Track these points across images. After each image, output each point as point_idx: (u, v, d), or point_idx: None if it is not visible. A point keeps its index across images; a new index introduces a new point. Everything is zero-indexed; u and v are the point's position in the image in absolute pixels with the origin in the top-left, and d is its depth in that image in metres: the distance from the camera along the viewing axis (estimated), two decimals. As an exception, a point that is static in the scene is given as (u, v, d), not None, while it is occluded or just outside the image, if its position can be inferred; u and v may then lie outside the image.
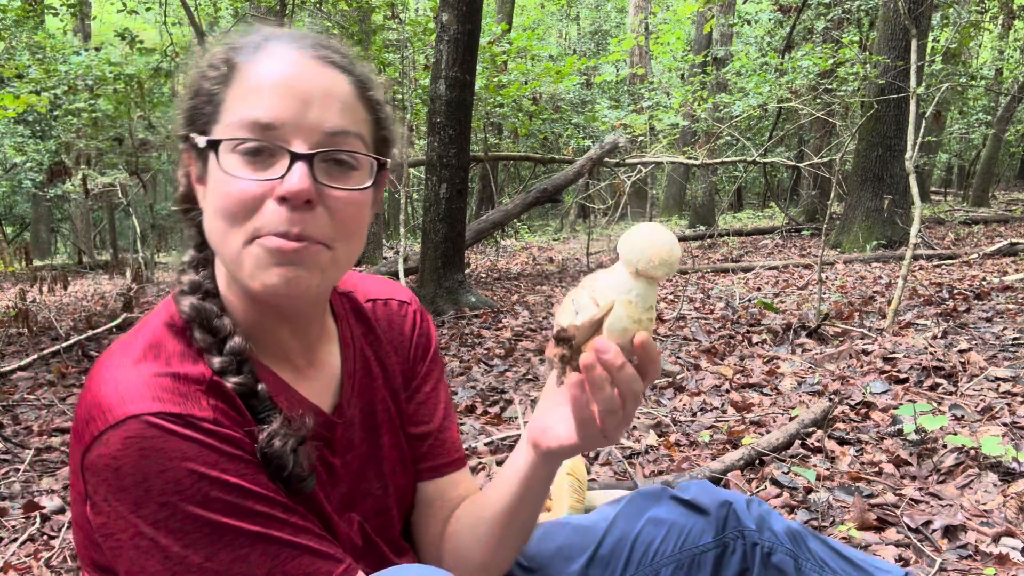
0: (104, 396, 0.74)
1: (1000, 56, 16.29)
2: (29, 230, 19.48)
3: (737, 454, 2.53)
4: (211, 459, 0.74)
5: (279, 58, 0.81)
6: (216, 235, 0.81)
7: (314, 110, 0.79)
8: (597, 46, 21.98)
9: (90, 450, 0.73)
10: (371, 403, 1.00)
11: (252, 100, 0.79)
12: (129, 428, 0.72)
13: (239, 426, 0.79)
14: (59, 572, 2.20)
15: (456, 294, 5.86)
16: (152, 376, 0.76)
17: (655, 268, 0.76)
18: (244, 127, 0.78)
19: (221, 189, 0.79)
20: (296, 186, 0.77)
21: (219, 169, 0.79)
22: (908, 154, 4.50)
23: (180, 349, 0.80)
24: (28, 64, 7.50)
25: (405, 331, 1.07)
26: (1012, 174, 22.10)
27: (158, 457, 0.71)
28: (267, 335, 0.89)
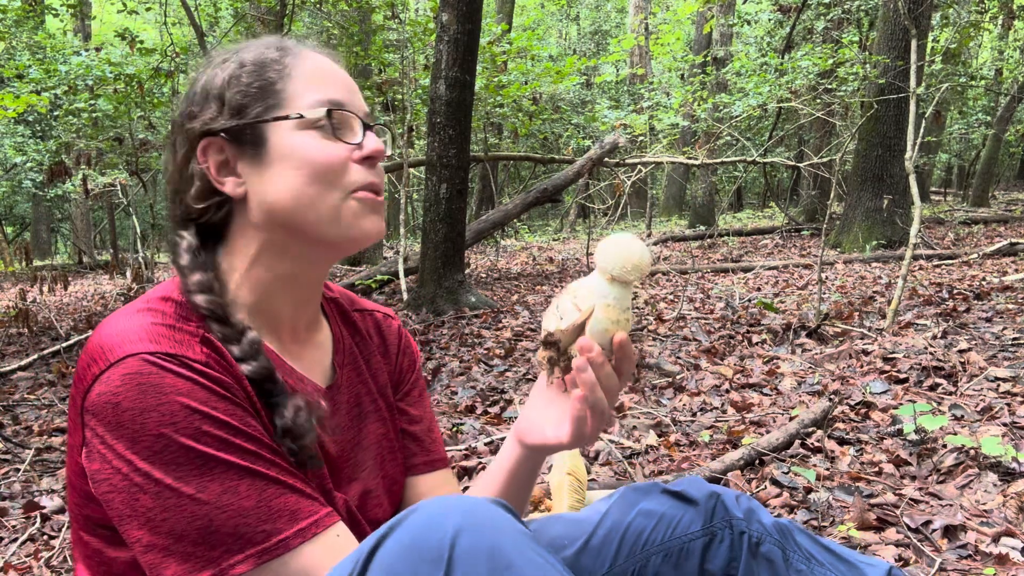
0: (104, 340, 0.80)
1: (1000, 56, 16.30)
2: (29, 230, 19.49)
3: (737, 454, 2.53)
4: (203, 396, 0.78)
5: (322, 58, 0.96)
6: (305, 201, 0.90)
7: (357, 96, 0.97)
8: (597, 46, 21.98)
9: (91, 390, 0.78)
10: (357, 395, 1.05)
11: (321, 86, 0.92)
12: (128, 365, 0.77)
13: (229, 375, 0.84)
14: (59, 572, 2.20)
15: (456, 294, 5.86)
16: (151, 324, 0.82)
17: (628, 273, 0.84)
18: (323, 104, 0.91)
19: (317, 158, 0.90)
20: (380, 146, 0.94)
21: (308, 142, 0.90)
22: (908, 154, 4.50)
23: (176, 312, 0.86)
24: (28, 64, 7.50)
25: (391, 340, 1.14)
26: (1012, 174, 22.10)
27: (154, 392, 0.76)
28: (271, 307, 0.96)
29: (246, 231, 0.94)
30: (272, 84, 0.92)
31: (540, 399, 0.98)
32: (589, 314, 0.85)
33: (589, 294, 0.86)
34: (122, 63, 7.59)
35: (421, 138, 9.25)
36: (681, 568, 1.09)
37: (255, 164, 0.91)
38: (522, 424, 0.98)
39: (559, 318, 0.86)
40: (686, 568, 1.09)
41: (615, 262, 0.84)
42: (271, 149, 0.90)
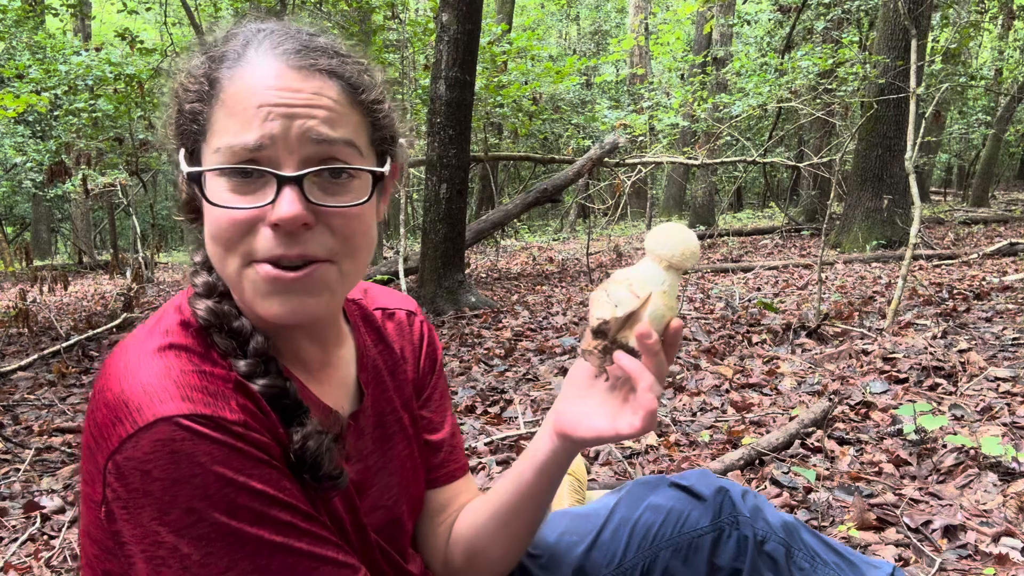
0: (131, 395, 0.71)
1: (1000, 56, 16.29)
2: (29, 230, 19.49)
3: (737, 454, 2.53)
4: (239, 463, 0.72)
5: (261, 72, 0.77)
6: (214, 257, 0.80)
7: (298, 125, 0.75)
8: (597, 46, 21.98)
9: (118, 453, 0.70)
10: (382, 413, 0.99)
11: (236, 123, 0.75)
12: (160, 431, 0.69)
13: (266, 428, 0.77)
14: (59, 572, 2.20)
15: (456, 294, 5.86)
16: (180, 373, 0.73)
17: (685, 260, 0.85)
18: (230, 152, 0.75)
19: (212, 215, 0.77)
20: (288, 212, 0.74)
21: (213, 194, 0.77)
22: (908, 154, 4.50)
23: (201, 349, 0.78)
24: (28, 64, 7.50)
25: (415, 342, 1.08)
26: (1012, 174, 22.10)
27: (188, 461, 0.69)
28: (282, 340, 0.87)
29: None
30: (196, 114, 0.79)
31: (576, 389, 0.92)
32: (647, 301, 0.84)
33: (645, 281, 0.85)
34: (122, 63, 7.60)
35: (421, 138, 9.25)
36: (690, 563, 1.09)
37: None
38: (564, 418, 0.91)
39: (614, 306, 0.84)
40: (695, 563, 1.09)
41: (673, 249, 0.85)
42: (204, 193, 0.79)
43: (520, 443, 2.92)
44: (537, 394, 3.57)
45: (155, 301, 7.86)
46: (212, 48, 0.81)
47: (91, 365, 4.88)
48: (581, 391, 0.92)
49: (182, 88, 0.80)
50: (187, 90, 0.80)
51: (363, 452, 0.95)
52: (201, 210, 0.82)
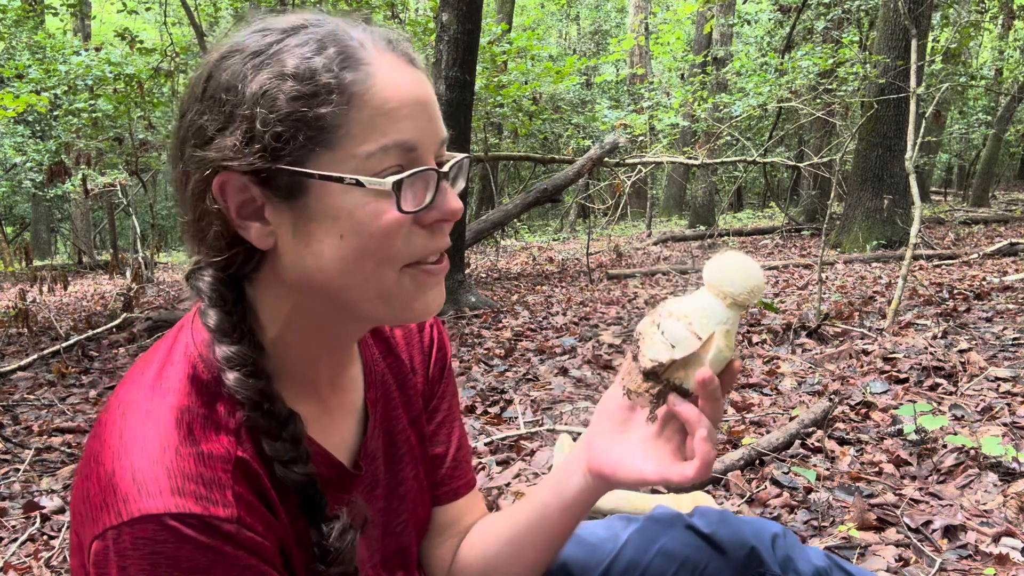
0: (120, 481, 0.66)
1: (1000, 56, 16.30)
2: (29, 230, 19.49)
3: (737, 454, 2.53)
4: (222, 573, 0.67)
5: (393, 69, 0.72)
6: (352, 277, 0.72)
7: (437, 122, 0.74)
8: (597, 46, 21.98)
9: (100, 539, 0.66)
10: (392, 432, 0.94)
11: (390, 122, 0.70)
12: (143, 529, 0.64)
13: (261, 519, 0.71)
14: (59, 572, 2.20)
15: (456, 294, 5.87)
16: (174, 457, 0.67)
17: (751, 297, 0.77)
18: (388, 154, 0.69)
19: (371, 227, 0.70)
20: (455, 205, 0.74)
21: (363, 205, 0.69)
22: (908, 154, 4.50)
23: (204, 411, 0.71)
24: (28, 64, 7.50)
25: (424, 348, 1.01)
26: (1012, 174, 22.11)
27: (168, 564, 0.65)
28: (306, 368, 0.82)
29: (277, 288, 0.76)
30: (323, 121, 0.68)
31: (612, 425, 0.84)
32: (709, 341, 0.77)
33: (707, 320, 0.77)
34: (122, 63, 7.60)
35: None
36: None
37: (290, 215, 0.71)
38: (602, 457, 0.84)
39: (670, 346, 0.77)
40: None
41: (741, 286, 0.76)
42: (312, 203, 0.70)
43: (520, 443, 2.92)
44: (537, 394, 3.57)
45: (155, 301, 7.86)
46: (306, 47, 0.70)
47: (91, 365, 4.88)
48: (618, 427, 0.84)
49: (285, 95, 0.68)
50: (298, 95, 0.68)
51: (377, 477, 0.90)
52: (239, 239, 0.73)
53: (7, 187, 14.71)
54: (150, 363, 0.75)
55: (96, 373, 4.66)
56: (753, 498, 2.30)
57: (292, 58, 0.69)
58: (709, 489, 2.39)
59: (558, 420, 3.19)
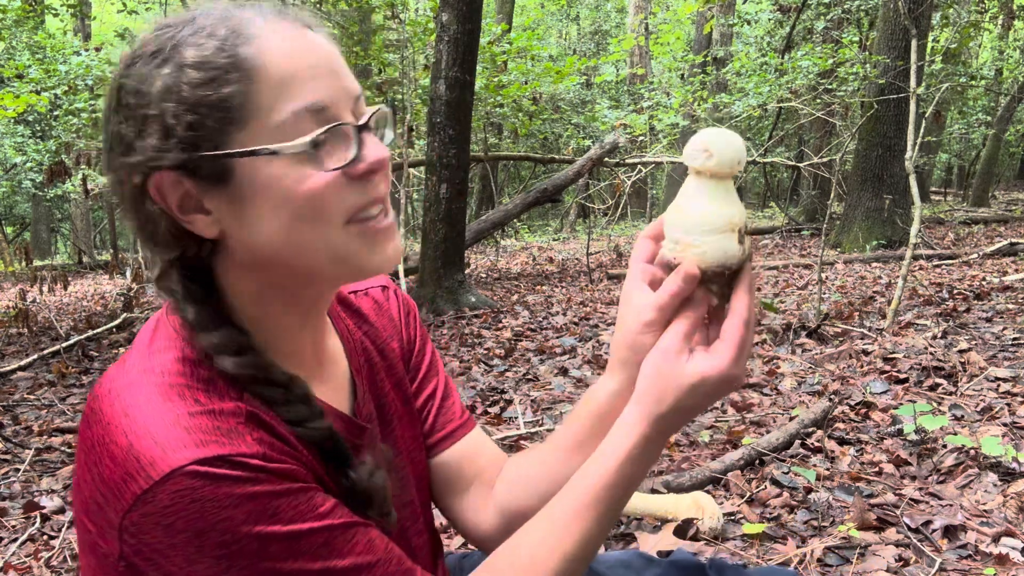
0: (142, 449, 0.67)
1: (1000, 56, 16.30)
2: (29, 230, 19.49)
3: (737, 454, 2.53)
4: (263, 502, 0.68)
5: (286, 35, 0.73)
6: (296, 241, 0.73)
7: (345, 78, 0.75)
8: (597, 46, 21.98)
9: (134, 510, 0.66)
10: (380, 395, 0.96)
11: (294, 87, 0.71)
12: (177, 482, 0.65)
13: (287, 455, 0.73)
14: (59, 572, 2.20)
15: (456, 294, 5.87)
16: (188, 417, 0.69)
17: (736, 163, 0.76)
18: (299, 117, 0.71)
19: (300, 191, 0.71)
20: (381, 153, 0.74)
21: (286, 173, 0.71)
22: (908, 154, 4.50)
23: (202, 385, 0.73)
24: (28, 64, 7.50)
25: (394, 316, 1.04)
26: (1012, 174, 22.11)
27: (211, 507, 0.66)
28: (286, 341, 0.83)
29: (238, 272, 0.78)
30: (228, 101, 0.70)
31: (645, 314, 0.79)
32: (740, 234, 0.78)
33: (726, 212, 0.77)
34: (122, 63, 7.59)
35: (421, 138, 9.24)
36: None
37: (226, 199, 0.73)
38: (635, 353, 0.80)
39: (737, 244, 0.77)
40: None
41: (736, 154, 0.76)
42: (242, 183, 0.72)
43: (520, 443, 2.92)
44: (537, 394, 3.57)
45: (155, 301, 7.85)
46: (205, 35, 0.72)
47: (91, 365, 4.88)
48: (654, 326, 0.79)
49: (187, 84, 0.70)
50: (198, 82, 0.70)
51: (375, 439, 0.92)
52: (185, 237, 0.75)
53: (7, 187, 14.71)
54: (135, 354, 0.76)
55: (96, 373, 4.66)
56: (753, 498, 2.31)
57: (187, 48, 0.71)
58: (709, 489, 2.39)
59: (558, 420, 3.19)
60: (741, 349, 0.77)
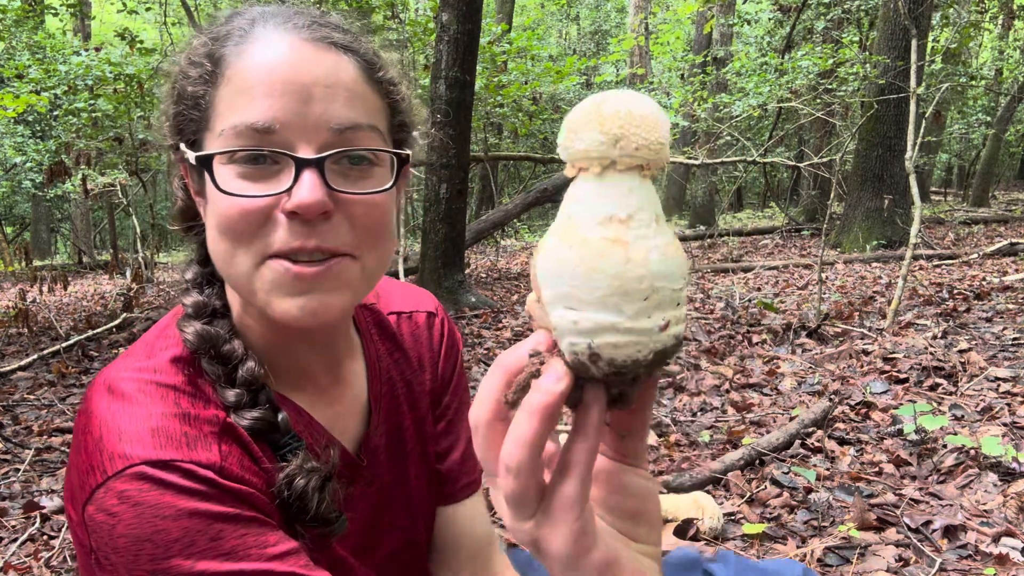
0: (106, 443, 0.66)
1: (1000, 56, 16.30)
2: (29, 230, 19.49)
3: (737, 454, 2.53)
4: (204, 524, 0.64)
5: (271, 46, 0.69)
6: (221, 257, 0.71)
7: (318, 104, 0.68)
8: (597, 46, 21.98)
9: (89, 503, 0.65)
10: (398, 428, 0.91)
11: (245, 101, 0.67)
12: (124, 481, 0.64)
13: (254, 474, 0.70)
14: (59, 572, 2.20)
15: (456, 294, 5.86)
16: (160, 418, 0.67)
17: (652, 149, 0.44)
18: (240, 135, 0.67)
19: (221, 206, 0.68)
20: (307, 198, 0.66)
21: (221, 183, 0.68)
22: (908, 154, 4.49)
23: (191, 388, 0.72)
24: (28, 64, 7.50)
25: (434, 346, 0.98)
26: (1012, 174, 22.11)
27: (150, 516, 0.63)
28: (288, 356, 0.80)
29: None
30: (198, 97, 0.70)
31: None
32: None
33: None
34: (122, 63, 7.59)
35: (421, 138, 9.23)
36: None
37: (203, 193, 0.73)
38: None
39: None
40: None
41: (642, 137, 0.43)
42: (207, 183, 0.71)
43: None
44: (537, 394, 3.57)
45: (155, 301, 7.86)
46: (213, 27, 0.73)
47: (91, 365, 4.88)
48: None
49: (182, 74, 0.72)
50: (187, 75, 0.71)
51: (378, 472, 0.87)
52: (197, 218, 0.77)
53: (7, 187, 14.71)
54: (137, 348, 0.77)
55: (96, 373, 4.65)
56: (753, 498, 2.31)
57: (197, 38, 0.74)
58: (709, 489, 2.39)
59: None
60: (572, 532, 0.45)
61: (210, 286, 0.79)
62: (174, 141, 0.74)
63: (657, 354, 0.43)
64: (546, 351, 0.44)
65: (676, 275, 0.43)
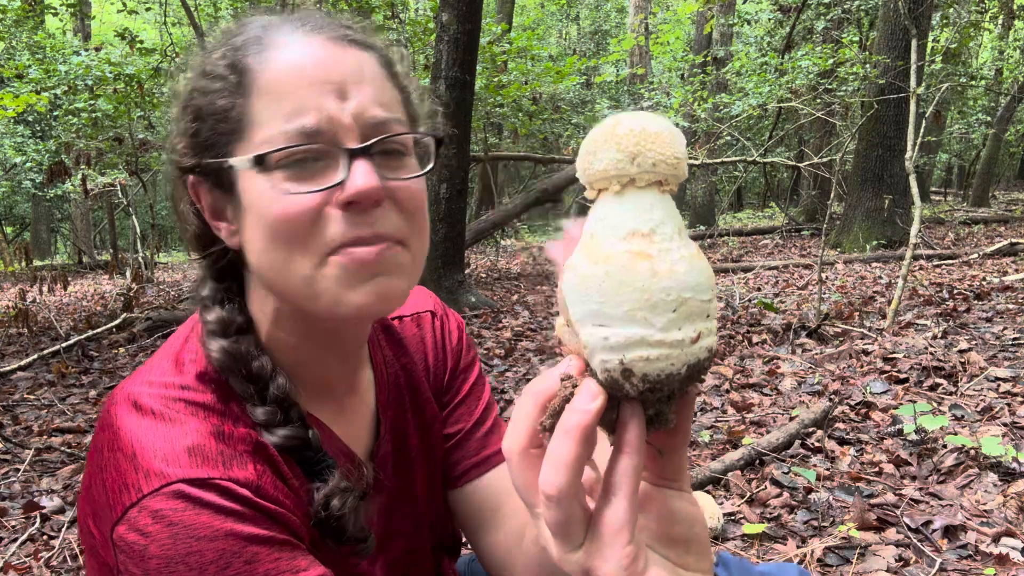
0: (142, 461, 0.65)
1: (1000, 56, 16.30)
2: (29, 230, 19.50)
3: (737, 454, 2.53)
4: (238, 543, 0.64)
5: (298, 49, 0.69)
6: (274, 267, 0.70)
7: (352, 100, 0.69)
8: (597, 46, 21.98)
9: (121, 523, 0.64)
10: (404, 435, 0.91)
11: (288, 106, 0.68)
12: (160, 500, 0.63)
13: (286, 495, 0.70)
14: (59, 572, 2.20)
15: (456, 294, 5.86)
16: (196, 435, 0.67)
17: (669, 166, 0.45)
18: (290, 139, 0.67)
19: (273, 212, 0.68)
20: (364, 185, 0.67)
21: (267, 190, 0.68)
22: (908, 154, 4.49)
23: (221, 405, 0.71)
24: (28, 64, 7.50)
25: (439, 349, 0.98)
26: (1012, 174, 22.11)
27: (185, 536, 0.62)
28: (315, 368, 0.80)
29: (256, 290, 0.77)
30: (227, 110, 0.69)
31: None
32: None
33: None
34: (122, 63, 7.60)
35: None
36: None
37: (234, 209, 0.72)
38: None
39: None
40: None
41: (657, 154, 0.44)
42: (241, 194, 0.70)
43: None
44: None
45: (155, 301, 7.86)
46: (226, 40, 0.73)
47: (91, 365, 4.88)
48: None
49: (198, 91, 0.71)
50: (208, 89, 0.71)
51: (384, 481, 0.87)
52: (215, 242, 0.75)
53: (7, 187, 14.71)
54: (158, 363, 0.75)
55: (96, 373, 4.65)
56: (753, 498, 2.31)
57: (213, 51, 0.72)
58: (709, 489, 2.39)
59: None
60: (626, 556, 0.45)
61: (229, 302, 0.76)
62: (195, 160, 0.72)
63: (690, 367, 0.43)
64: (578, 375, 0.44)
65: (704, 286, 0.43)
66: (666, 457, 0.48)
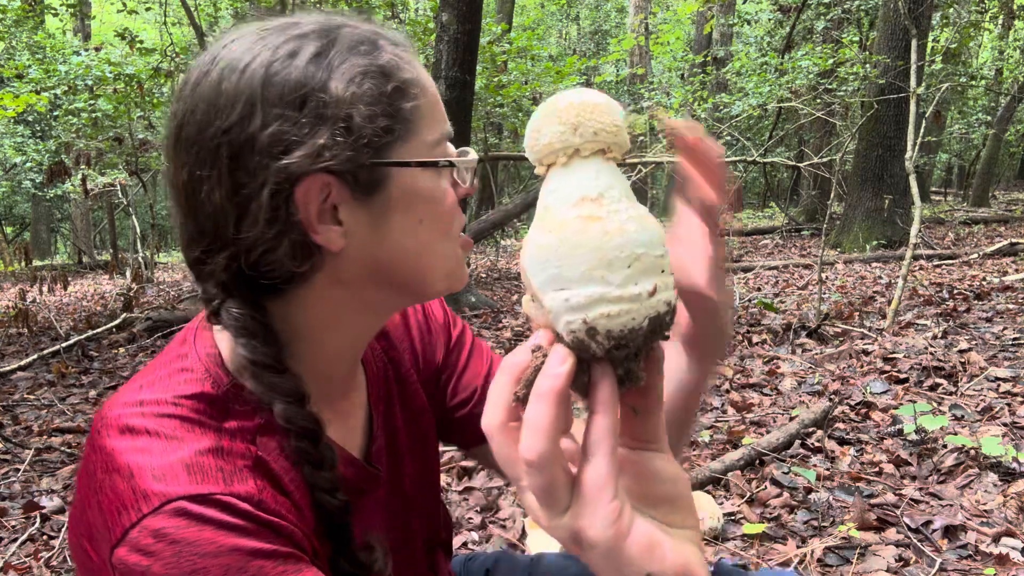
0: (139, 481, 0.65)
1: (1000, 56, 16.30)
2: (29, 230, 19.50)
3: (737, 454, 2.53)
4: (244, 561, 0.63)
5: (419, 65, 0.78)
6: (431, 254, 0.77)
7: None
8: (597, 46, 21.98)
9: (120, 545, 0.63)
10: (394, 429, 0.92)
11: (437, 115, 0.77)
12: (161, 519, 0.63)
13: (287, 510, 0.69)
14: (59, 572, 2.20)
15: (456, 294, 5.87)
16: (195, 454, 0.66)
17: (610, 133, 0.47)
18: (441, 142, 0.77)
19: (437, 204, 0.76)
20: (474, 186, 0.81)
21: (437, 186, 0.76)
22: (908, 154, 4.49)
23: (216, 423, 0.71)
24: (28, 64, 7.50)
25: (423, 330, 1.00)
26: (1012, 174, 22.11)
27: (188, 553, 0.62)
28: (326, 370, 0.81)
29: (325, 290, 0.74)
30: (404, 113, 0.72)
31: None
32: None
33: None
34: (122, 63, 7.60)
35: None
36: None
37: (366, 210, 0.72)
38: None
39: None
40: None
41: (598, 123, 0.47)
42: (393, 193, 0.72)
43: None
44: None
45: (154, 301, 7.86)
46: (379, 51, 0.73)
47: (91, 365, 4.88)
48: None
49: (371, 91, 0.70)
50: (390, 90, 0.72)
51: (381, 476, 0.89)
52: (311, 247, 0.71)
53: (7, 187, 14.72)
54: (154, 374, 0.73)
55: (96, 373, 4.65)
56: (753, 498, 2.31)
57: (382, 54, 0.73)
58: (709, 489, 2.39)
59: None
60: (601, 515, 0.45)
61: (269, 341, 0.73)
62: (346, 161, 0.69)
63: (652, 321, 0.45)
64: (547, 345, 0.45)
65: (655, 242, 0.45)
66: (642, 418, 0.49)
